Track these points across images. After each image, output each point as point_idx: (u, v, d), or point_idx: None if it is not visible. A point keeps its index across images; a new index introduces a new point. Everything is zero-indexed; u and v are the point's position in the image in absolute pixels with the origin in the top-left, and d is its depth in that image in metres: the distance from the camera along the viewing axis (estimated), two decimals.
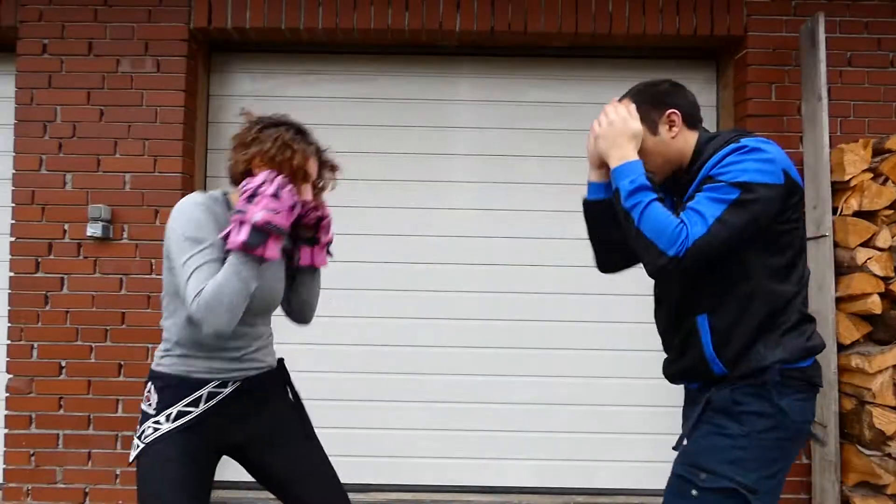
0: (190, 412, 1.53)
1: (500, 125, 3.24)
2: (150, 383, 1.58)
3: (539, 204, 3.17)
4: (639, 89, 1.54)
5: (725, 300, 1.39)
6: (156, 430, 1.52)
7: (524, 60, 3.23)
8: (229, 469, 3.30)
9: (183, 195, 2.99)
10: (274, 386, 1.69)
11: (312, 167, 1.59)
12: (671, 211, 1.37)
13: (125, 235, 2.92)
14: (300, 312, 1.74)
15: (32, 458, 2.89)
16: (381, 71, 3.23)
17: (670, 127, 1.49)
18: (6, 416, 2.90)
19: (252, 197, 1.41)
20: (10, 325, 2.91)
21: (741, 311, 1.37)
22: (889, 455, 2.48)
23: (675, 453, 1.49)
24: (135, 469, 1.54)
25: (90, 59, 2.95)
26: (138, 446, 1.52)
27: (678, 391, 3.16)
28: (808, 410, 1.40)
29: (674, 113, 1.48)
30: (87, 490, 2.89)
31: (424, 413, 3.13)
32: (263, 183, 1.42)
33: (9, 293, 2.93)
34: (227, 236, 1.41)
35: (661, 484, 3.52)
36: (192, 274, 1.40)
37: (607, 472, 3.14)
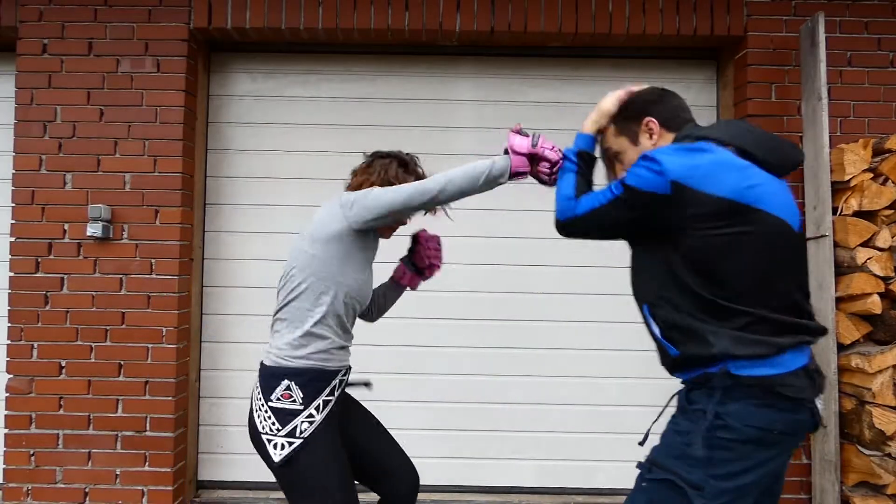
0: (330, 401, 1.68)
1: (500, 125, 3.23)
2: (285, 381, 1.64)
3: (539, 204, 3.17)
4: (622, 106, 1.61)
5: (659, 292, 1.46)
6: (311, 423, 1.63)
7: (524, 60, 3.23)
8: (229, 469, 3.31)
9: (183, 195, 3.03)
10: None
11: None
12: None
13: (125, 235, 2.92)
14: (375, 314, 2.06)
15: (32, 458, 2.89)
16: (381, 71, 3.23)
17: (650, 135, 1.54)
18: (6, 416, 2.90)
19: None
20: (10, 325, 2.91)
21: (674, 302, 1.43)
22: (889, 455, 2.48)
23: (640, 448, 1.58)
24: (286, 469, 1.62)
25: (90, 59, 2.95)
26: (292, 444, 1.60)
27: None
28: (770, 418, 1.34)
29: (650, 121, 1.54)
30: (87, 490, 2.89)
31: (424, 413, 3.13)
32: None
33: (9, 293, 2.93)
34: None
35: None
36: (393, 191, 1.67)
37: (607, 472, 3.14)
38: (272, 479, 3.03)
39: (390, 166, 1.83)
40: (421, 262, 2.02)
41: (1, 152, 3.15)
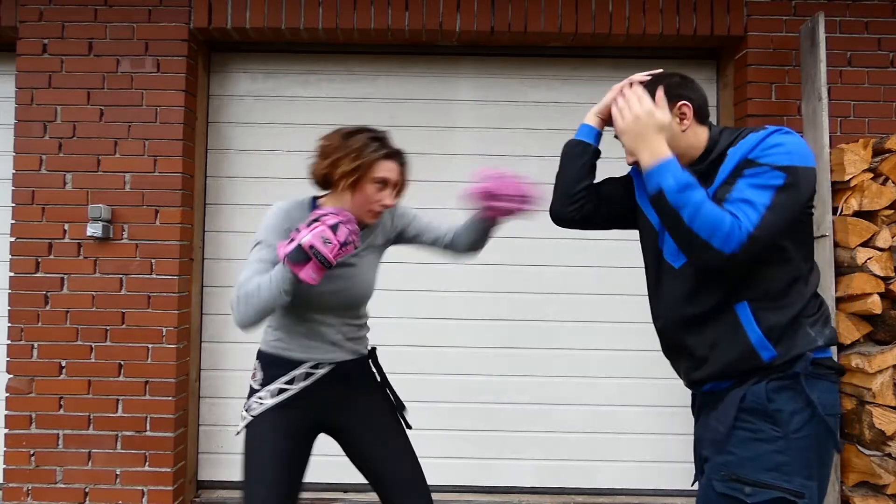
0: (288, 389, 1.68)
1: (500, 125, 3.24)
2: (256, 361, 1.75)
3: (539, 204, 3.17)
4: (649, 82, 1.50)
5: (766, 286, 1.34)
6: (260, 404, 1.68)
7: (524, 60, 3.23)
8: (229, 469, 3.31)
9: (183, 195, 3.03)
10: (366, 372, 1.84)
11: (388, 172, 1.65)
12: None
13: (125, 235, 2.92)
14: (470, 251, 1.95)
15: (32, 458, 2.89)
16: (381, 71, 3.23)
17: (681, 120, 1.45)
18: (6, 416, 2.90)
19: (314, 221, 1.48)
20: (10, 325, 2.91)
21: (784, 296, 1.34)
22: (889, 455, 2.48)
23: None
24: (243, 439, 1.69)
25: (90, 59, 2.95)
26: (245, 418, 1.70)
27: (677, 391, 3.14)
28: (837, 401, 1.37)
29: (685, 105, 1.44)
30: (87, 490, 2.89)
31: (424, 413, 3.13)
32: (329, 214, 1.49)
33: (9, 293, 2.93)
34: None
35: (661, 484, 3.52)
36: (246, 267, 1.56)
37: (607, 472, 3.14)
38: None
39: (361, 142, 1.63)
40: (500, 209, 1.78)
41: (1, 152, 3.16)
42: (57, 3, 2.96)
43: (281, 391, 1.68)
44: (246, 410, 1.70)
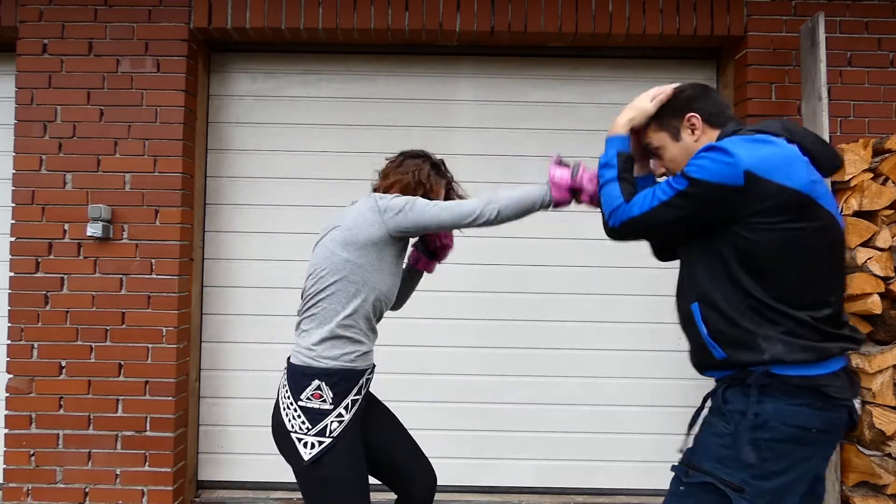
0: (358, 399, 1.70)
1: (500, 125, 3.23)
2: (315, 381, 1.64)
3: None
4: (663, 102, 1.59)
5: (711, 291, 1.43)
6: (340, 422, 1.64)
7: (524, 60, 3.23)
8: (229, 469, 3.31)
9: (183, 195, 3.03)
10: None
11: (440, 196, 1.87)
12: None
13: (125, 235, 2.92)
14: (400, 302, 2.04)
15: (32, 458, 2.89)
16: (381, 71, 3.23)
17: (692, 131, 1.52)
18: (6, 416, 2.90)
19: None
20: (10, 325, 2.91)
21: (724, 302, 1.41)
22: (889, 455, 2.48)
23: (676, 453, 1.52)
24: (313, 468, 1.61)
25: (90, 59, 2.95)
26: (322, 443, 1.60)
27: (677, 391, 3.16)
28: (807, 416, 1.35)
29: (693, 116, 1.51)
30: (87, 490, 2.89)
31: (424, 413, 3.13)
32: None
33: (9, 293, 2.93)
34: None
35: (662, 484, 3.51)
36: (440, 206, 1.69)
37: (607, 472, 3.14)
38: (272, 478, 3.05)
39: (423, 167, 1.84)
40: (431, 244, 1.98)
41: (1, 152, 3.16)
42: (57, 3, 2.96)
43: (353, 403, 1.67)
44: (320, 434, 1.61)
